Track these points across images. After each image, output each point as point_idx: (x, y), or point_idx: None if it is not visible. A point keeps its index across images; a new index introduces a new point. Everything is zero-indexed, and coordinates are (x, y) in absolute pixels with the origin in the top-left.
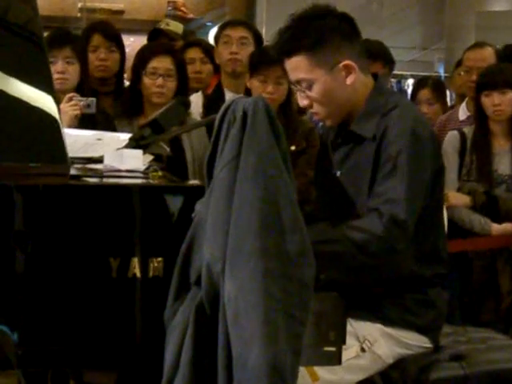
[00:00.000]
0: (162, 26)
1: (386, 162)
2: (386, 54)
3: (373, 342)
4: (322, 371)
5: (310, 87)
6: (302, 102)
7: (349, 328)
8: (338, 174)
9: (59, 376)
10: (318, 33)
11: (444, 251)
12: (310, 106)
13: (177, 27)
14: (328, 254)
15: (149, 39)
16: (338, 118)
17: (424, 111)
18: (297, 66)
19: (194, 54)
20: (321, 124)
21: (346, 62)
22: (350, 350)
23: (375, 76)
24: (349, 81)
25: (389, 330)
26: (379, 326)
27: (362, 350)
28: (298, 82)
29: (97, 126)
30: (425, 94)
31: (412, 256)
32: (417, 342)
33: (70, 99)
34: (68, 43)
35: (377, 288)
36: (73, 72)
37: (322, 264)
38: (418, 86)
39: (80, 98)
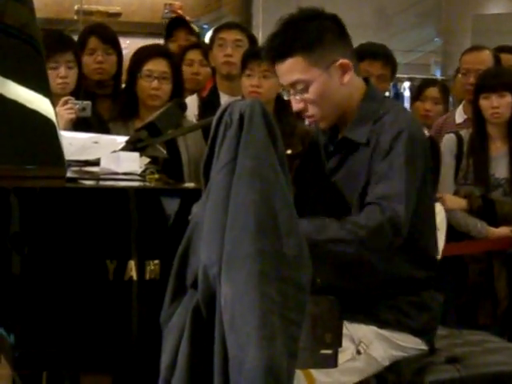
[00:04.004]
0: None
1: (381, 162)
2: (386, 54)
3: (368, 344)
4: (317, 374)
5: (305, 89)
6: (297, 105)
7: (344, 331)
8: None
9: (55, 378)
10: (314, 32)
11: (435, 253)
12: (305, 109)
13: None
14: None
15: (168, 26)
16: (332, 120)
17: (427, 108)
18: (292, 68)
19: (193, 55)
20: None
21: (343, 60)
22: (345, 353)
23: (366, 80)
24: (345, 79)
25: (384, 332)
26: (374, 328)
27: (358, 352)
28: (293, 84)
29: (91, 128)
30: (432, 92)
31: (406, 259)
32: (412, 344)
33: (66, 102)
34: (70, 48)
35: (372, 291)
36: (73, 76)
37: (318, 260)
38: (426, 84)
39: (75, 102)
